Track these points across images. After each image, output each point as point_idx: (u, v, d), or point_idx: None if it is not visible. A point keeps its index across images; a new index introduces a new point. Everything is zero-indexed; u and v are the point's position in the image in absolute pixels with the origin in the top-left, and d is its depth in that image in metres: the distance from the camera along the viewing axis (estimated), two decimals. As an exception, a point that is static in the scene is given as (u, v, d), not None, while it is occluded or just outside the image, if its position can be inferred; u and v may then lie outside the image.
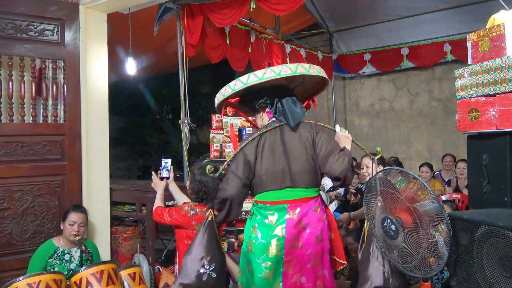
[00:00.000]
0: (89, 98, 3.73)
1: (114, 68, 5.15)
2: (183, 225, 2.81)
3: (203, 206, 2.81)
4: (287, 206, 2.21)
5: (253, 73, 2.20)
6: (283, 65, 2.18)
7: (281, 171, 2.23)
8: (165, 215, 2.85)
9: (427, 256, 2.07)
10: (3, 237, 3.30)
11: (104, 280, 2.70)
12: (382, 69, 7.49)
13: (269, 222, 2.22)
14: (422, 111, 7.41)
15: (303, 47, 6.81)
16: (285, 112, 2.28)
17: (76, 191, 3.63)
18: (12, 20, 3.37)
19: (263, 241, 2.21)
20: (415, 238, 2.10)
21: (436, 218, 2.02)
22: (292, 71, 2.17)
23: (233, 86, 2.26)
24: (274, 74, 2.16)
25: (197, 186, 2.82)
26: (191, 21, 4.41)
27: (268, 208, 2.24)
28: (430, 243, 2.05)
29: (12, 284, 2.49)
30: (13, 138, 3.37)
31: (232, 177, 2.26)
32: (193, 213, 2.78)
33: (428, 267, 2.09)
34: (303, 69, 2.21)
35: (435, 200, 2.03)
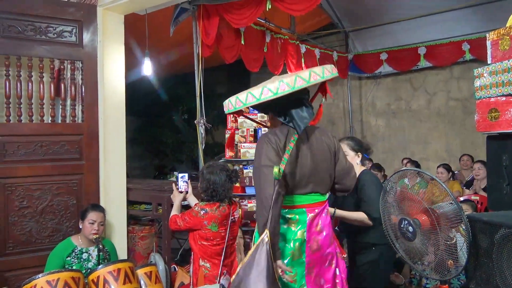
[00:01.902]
0: (106, 99, 3.77)
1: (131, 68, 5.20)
2: (195, 226, 2.83)
3: (213, 205, 2.83)
4: (306, 210, 2.19)
5: (266, 86, 2.07)
6: (296, 76, 2.06)
7: (306, 176, 2.20)
8: (178, 221, 2.89)
9: (445, 258, 2.04)
10: (23, 235, 3.36)
11: (121, 279, 2.72)
12: (399, 68, 7.41)
13: (290, 226, 2.19)
14: (440, 111, 7.30)
15: (318, 47, 6.78)
16: (294, 118, 2.20)
17: (93, 190, 3.68)
18: (31, 22, 3.43)
19: (288, 246, 2.18)
20: (432, 240, 2.08)
21: (454, 220, 1.99)
22: (305, 81, 2.08)
23: (244, 100, 2.14)
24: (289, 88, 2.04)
25: (205, 185, 2.85)
26: (207, 21, 4.42)
27: (289, 212, 2.20)
28: (448, 245, 2.02)
29: (31, 281, 2.53)
30: (33, 138, 3.43)
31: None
32: (204, 213, 2.80)
33: (446, 269, 2.06)
34: (317, 77, 2.12)
35: (454, 201, 2.00)
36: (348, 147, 2.88)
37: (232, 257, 2.99)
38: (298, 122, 2.16)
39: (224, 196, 2.86)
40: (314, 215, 2.21)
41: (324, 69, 2.15)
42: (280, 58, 5.74)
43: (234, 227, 2.95)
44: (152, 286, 2.97)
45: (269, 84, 2.07)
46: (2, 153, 3.31)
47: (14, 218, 3.33)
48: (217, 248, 2.85)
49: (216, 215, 2.81)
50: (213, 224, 2.80)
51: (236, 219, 2.99)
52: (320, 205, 2.26)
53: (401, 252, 2.33)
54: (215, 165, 2.94)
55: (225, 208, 2.87)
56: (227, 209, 2.87)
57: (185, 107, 9.57)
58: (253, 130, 4.60)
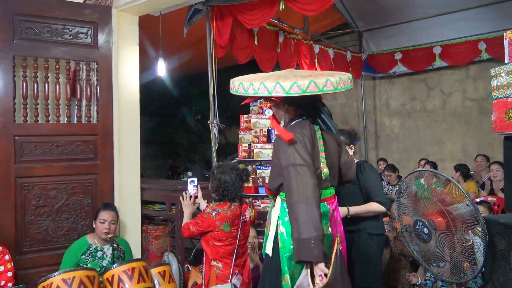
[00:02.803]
0: (121, 99, 3.81)
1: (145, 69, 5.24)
2: (208, 227, 2.84)
3: (224, 205, 2.84)
4: (327, 203, 2.18)
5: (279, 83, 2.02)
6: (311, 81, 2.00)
7: (333, 170, 2.24)
8: (191, 227, 2.90)
9: (461, 260, 2.01)
10: (39, 234, 3.41)
11: (135, 278, 2.75)
12: (414, 68, 7.33)
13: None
14: (456, 111, 7.21)
15: (331, 47, 6.74)
16: (325, 116, 2.24)
17: (108, 190, 3.72)
18: (48, 24, 3.48)
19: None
20: (448, 242, 2.05)
21: (470, 221, 1.96)
22: (319, 88, 2.01)
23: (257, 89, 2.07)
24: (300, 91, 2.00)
25: (216, 184, 2.87)
26: (220, 22, 4.43)
27: None
28: (464, 248, 1.99)
29: (48, 279, 2.57)
30: (49, 138, 3.48)
31: None
32: (216, 213, 2.81)
33: (462, 272, 2.03)
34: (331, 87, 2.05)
35: (470, 202, 1.97)
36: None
37: (244, 257, 3.00)
38: (329, 122, 2.23)
39: (235, 195, 2.87)
40: (334, 208, 2.23)
41: (340, 80, 2.07)
42: (293, 59, 5.72)
43: (245, 227, 2.95)
44: (166, 286, 2.99)
45: (283, 80, 2.02)
46: (20, 153, 3.36)
47: (31, 217, 3.39)
48: (229, 248, 2.85)
49: (228, 214, 2.82)
50: (225, 224, 2.81)
51: (248, 219, 2.99)
52: (335, 198, 2.29)
53: (416, 253, 2.30)
54: (226, 165, 2.95)
55: (236, 207, 2.87)
56: (238, 208, 2.88)
57: (199, 107, 9.62)
58: (266, 130, 4.59)
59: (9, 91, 3.32)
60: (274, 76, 2.13)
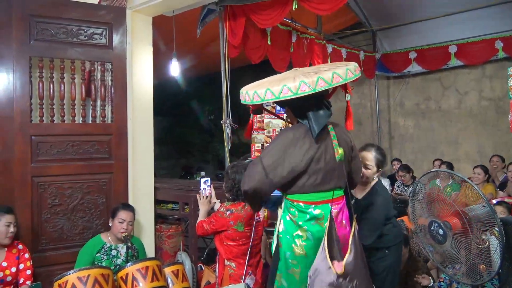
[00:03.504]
0: (135, 99, 3.84)
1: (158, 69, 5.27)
2: (222, 227, 2.85)
3: (238, 205, 2.85)
4: (330, 205, 2.16)
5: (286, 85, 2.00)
6: (318, 78, 1.99)
7: (330, 172, 2.18)
8: (205, 226, 2.92)
9: (477, 262, 1.98)
10: (55, 232, 3.46)
11: (149, 276, 2.76)
12: (429, 67, 7.25)
13: (318, 223, 2.15)
14: (472, 111, 7.10)
15: (344, 47, 6.70)
16: (310, 119, 2.15)
17: (122, 189, 3.75)
18: (64, 25, 3.53)
19: (318, 243, 2.12)
20: (464, 243, 2.02)
21: (487, 223, 1.93)
22: (327, 83, 2.00)
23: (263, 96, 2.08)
24: (310, 89, 1.98)
25: (230, 184, 2.88)
26: (233, 22, 4.44)
27: (315, 208, 2.16)
28: (481, 249, 1.96)
29: (63, 277, 2.60)
30: (65, 137, 3.53)
31: None
32: (229, 213, 2.83)
33: (478, 274, 2.00)
34: (339, 79, 2.05)
35: (487, 204, 1.94)
36: (375, 160, 2.70)
37: (257, 257, 3.00)
38: (314, 124, 2.12)
39: None
40: (338, 210, 2.19)
41: (347, 70, 2.08)
42: (306, 58, 5.70)
43: (259, 227, 2.96)
44: (179, 285, 3.00)
45: (290, 82, 2.01)
46: (36, 152, 3.41)
47: (47, 215, 3.44)
48: (242, 248, 2.86)
49: (242, 214, 2.82)
50: (239, 224, 2.81)
51: (261, 219, 2.99)
52: (341, 199, 2.25)
53: (430, 255, 2.27)
54: (240, 165, 2.96)
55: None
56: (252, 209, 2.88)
57: (211, 107, 9.65)
58: (279, 130, 4.59)
59: (26, 91, 3.37)
60: (278, 80, 2.13)
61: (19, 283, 2.95)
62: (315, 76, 1.98)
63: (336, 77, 2.01)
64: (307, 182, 2.15)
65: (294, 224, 2.18)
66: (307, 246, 2.14)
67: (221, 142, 5.27)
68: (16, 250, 3.01)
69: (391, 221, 2.66)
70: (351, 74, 2.09)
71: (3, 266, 2.87)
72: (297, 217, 2.18)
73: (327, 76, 1.98)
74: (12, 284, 2.92)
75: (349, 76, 2.07)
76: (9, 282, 2.90)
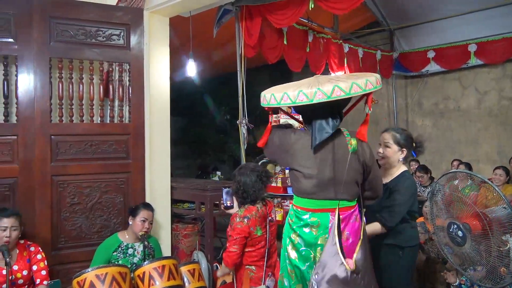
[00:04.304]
0: (152, 99, 3.88)
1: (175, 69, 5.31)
2: (246, 235, 2.79)
3: (252, 209, 2.82)
4: (330, 215, 2.09)
5: (302, 91, 1.97)
6: (335, 86, 1.93)
7: (327, 181, 2.11)
8: (232, 249, 2.80)
9: (497, 265, 1.95)
10: (73, 230, 3.52)
11: (166, 275, 2.78)
12: (447, 67, 7.13)
13: (311, 230, 2.11)
14: (492, 111, 6.97)
15: (361, 46, 6.65)
16: (313, 128, 2.12)
17: (140, 189, 3.79)
18: (82, 26, 3.58)
19: (308, 249, 2.13)
20: (484, 246, 1.99)
21: (508, 225, 1.89)
22: (345, 92, 1.94)
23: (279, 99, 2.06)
24: (325, 97, 1.93)
25: (236, 186, 2.87)
26: (249, 22, 4.45)
27: (311, 215, 2.12)
28: (501, 252, 1.93)
29: (82, 275, 2.63)
30: (83, 137, 3.58)
31: None
32: (247, 220, 2.78)
33: (498, 277, 1.96)
34: (358, 89, 1.97)
35: (508, 205, 1.90)
36: (392, 139, 2.60)
37: (274, 258, 2.98)
38: (316, 134, 2.09)
39: (256, 197, 2.85)
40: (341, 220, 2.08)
41: (367, 82, 1.99)
42: (322, 58, 5.68)
43: (272, 227, 2.95)
44: (195, 284, 3.02)
45: (306, 88, 1.97)
46: (55, 151, 3.47)
47: (66, 214, 3.49)
48: (261, 251, 2.85)
49: (257, 218, 2.81)
50: (258, 228, 2.81)
51: (274, 219, 2.98)
52: (346, 210, 2.13)
53: (449, 257, 2.24)
54: (246, 167, 2.95)
55: (263, 209, 2.87)
56: (264, 209, 2.88)
57: (228, 107, 9.67)
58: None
59: (45, 92, 3.43)
60: (296, 85, 2.10)
61: (36, 283, 2.98)
62: (331, 85, 1.94)
63: (356, 87, 1.95)
64: (304, 184, 2.14)
65: (290, 228, 2.20)
66: (297, 251, 2.15)
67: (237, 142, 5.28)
68: (27, 252, 2.98)
69: (411, 220, 2.57)
70: (371, 85, 2.01)
71: (14, 270, 2.85)
72: (293, 221, 2.19)
73: (344, 86, 1.93)
74: (24, 285, 2.93)
75: (368, 87, 2.00)
76: (20, 284, 2.90)
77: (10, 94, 3.42)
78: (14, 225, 2.87)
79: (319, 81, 2.06)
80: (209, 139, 10.26)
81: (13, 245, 2.88)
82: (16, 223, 2.88)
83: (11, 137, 3.34)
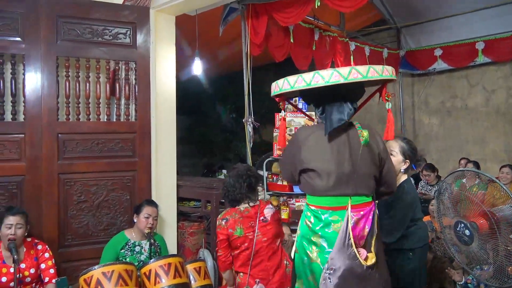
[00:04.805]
0: (158, 98, 3.89)
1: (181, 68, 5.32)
2: (227, 238, 2.79)
3: (232, 210, 2.83)
4: (350, 211, 2.03)
5: (318, 72, 1.97)
6: (352, 68, 1.92)
7: (345, 177, 2.05)
8: (219, 252, 2.86)
9: (505, 264, 1.93)
10: (80, 228, 3.54)
11: (172, 273, 2.79)
12: (455, 65, 7.08)
13: (334, 230, 2.02)
14: (500, 109, 6.90)
15: (368, 44, 6.62)
16: (327, 115, 2.07)
17: (146, 187, 3.80)
18: (89, 25, 3.60)
19: (331, 250, 2.02)
20: (491, 244, 1.97)
21: (516, 224, 1.88)
22: (362, 75, 1.93)
23: (293, 83, 2.06)
24: (342, 78, 1.91)
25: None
26: (255, 20, 4.45)
27: (331, 214, 2.05)
28: (509, 251, 1.91)
29: (88, 272, 2.65)
30: (90, 135, 3.60)
31: None
32: (225, 222, 2.79)
33: (506, 276, 1.95)
34: (375, 73, 1.97)
35: (515, 204, 1.89)
36: (399, 148, 2.60)
37: (275, 261, 2.83)
38: (330, 121, 2.04)
39: (239, 198, 2.83)
40: (359, 217, 2.03)
41: (383, 68, 2.00)
42: (328, 56, 5.66)
43: (266, 227, 2.82)
44: (201, 282, 3.02)
45: (322, 71, 1.96)
46: (62, 150, 3.49)
47: (73, 211, 3.51)
48: (246, 253, 2.78)
49: (237, 218, 2.78)
50: (238, 229, 2.76)
51: (269, 218, 2.84)
52: (365, 206, 2.08)
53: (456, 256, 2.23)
54: (234, 168, 2.95)
55: (248, 209, 2.82)
56: (251, 210, 2.82)
57: (234, 105, 9.67)
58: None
59: (52, 90, 3.45)
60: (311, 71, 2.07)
61: (44, 282, 3.00)
62: (348, 68, 1.93)
63: (372, 71, 1.94)
64: (319, 183, 2.06)
65: (309, 230, 2.10)
66: (320, 253, 2.04)
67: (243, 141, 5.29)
68: (34, 251, 3.01)
69: (417, 222, 2.54)
70: (387, 72, 2.01)
71: (22, 268, 2.88)
72: (312, 222, 2.09)
73: (362, 69, 1.92)
74: (32, 283, 2.96)
75: (385, 73, 1.99)
76: (28, 282, 2.92)
77: (18, 92, 3.44)
78: (20, 223, 2.89)
79: (333, 67, 2.05)
80: (215, 138, 10.26)
81: (19, 243, 2.91)
82: (21, 221, 2.91)
83: (19, 136, 3.36)
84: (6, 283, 2.84)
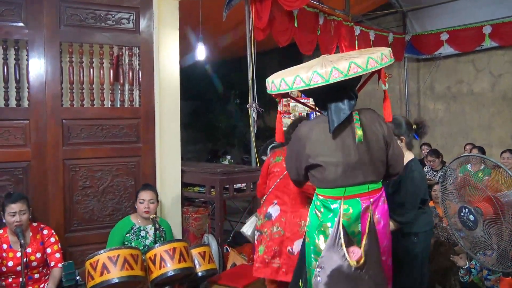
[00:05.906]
0: (162, 83, 3.87)
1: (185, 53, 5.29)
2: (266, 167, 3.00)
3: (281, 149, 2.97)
4: (360, 199, 2.03)
5: (317, 71, 1.90)
6: (351, 63, 1.87)
7: (354, 166, 2.04)
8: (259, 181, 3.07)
9: (509, 249, 1.93)
10: (86, 213, 3.57)
11: (177, 257, 2.82)
12: (461, 49, 7.00)
13: (344, 219, 1.99)
14: (506, 95, 6.84)
15: (373, 29, 6.55)
16: (330, 110, 2.04)
17: (150, 172, 3.82)
18: (92, 10, 3.57)
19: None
20: (495, 230, 1.97)
21: (521, 209, 1.88)
22: (362, 68, 1.88)
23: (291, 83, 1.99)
24: (342, 75, 1.86)
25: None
26: (259, 5, 4.40)
27: (341, 204, 2.03)
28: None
29: (94, 256, 2.68)
30: (94, 121, 3.60)
31: None
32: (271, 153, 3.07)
33: (509, 261, 1.95)
34: (374, 64, 1.93)
35: (520, 190, 1.88)
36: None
37: (295, 190, 2.79)
38: (333, 116, 2.01)
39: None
40: (370, 205, 2.04)
41: (382, 55, 1.96)
42: (333, 41, 5.61)
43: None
44: (206, 266, 3.06)
45: (320, 68, 1.90)
46: (67, 135, 3.50)
47: (78, 197, 3.54)
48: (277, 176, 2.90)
49: (281, 150, 2.94)
50: (277, 157, 2.93)
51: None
52: (375, 193, 2.09)
53: (460, 241, 2.23)
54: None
55: None
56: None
57: (238, 91, 9.64)
58: (306, 114, 4.55)
59: (56, 76, 3.45)
60: (307, 67, 2.02)
61: (50, 266, 3.04)
62: (346, 62, 1.87)
63: (372, 62, 1.90)
64: (327, 176, 2.04)
65: (319, 220, 2.09)
66: None
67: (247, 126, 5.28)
68: (40, 235, 3.04)
69: (424, 206, 2.51)
70: (386, 59, 1.98)
71: (28, 252, 2.91)
72: (322, 212, 2.09)
73: (361, 62, 1.88)
74: (38, 268, 2.99)
75: (384, 61, 1.96)
76: (34, 267, 2.96)
77: (22, 78, 3.44)
78: (22, 209, 2.90)
79: (330, 59, 1.99)
80: (219, 124, 10.27)
81: (25, 227, 2.94)
82: (24, 207, 2.92)
83: (23, 121, 3.37)
84: (13, 267, 2.87)
